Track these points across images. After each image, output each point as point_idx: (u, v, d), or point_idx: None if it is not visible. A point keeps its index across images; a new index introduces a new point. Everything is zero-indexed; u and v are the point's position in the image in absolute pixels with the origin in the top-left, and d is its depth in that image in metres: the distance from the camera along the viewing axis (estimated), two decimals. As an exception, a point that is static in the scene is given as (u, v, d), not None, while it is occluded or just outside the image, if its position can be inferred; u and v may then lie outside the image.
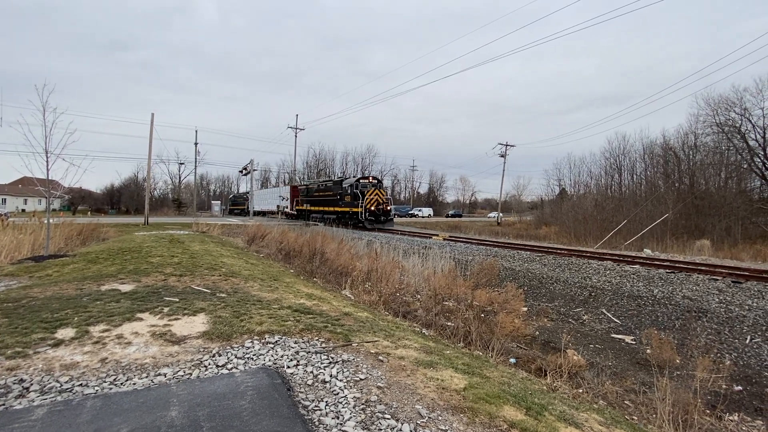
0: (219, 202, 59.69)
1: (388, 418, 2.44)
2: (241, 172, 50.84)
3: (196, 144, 45.02)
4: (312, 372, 3.10)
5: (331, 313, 5.04)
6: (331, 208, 28.06)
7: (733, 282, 8.38)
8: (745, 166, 26.36)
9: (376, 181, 26.41)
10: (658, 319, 7.38)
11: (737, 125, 26.40)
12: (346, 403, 2.62)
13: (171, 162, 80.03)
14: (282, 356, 3.40)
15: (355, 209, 24.81)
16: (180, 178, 66.67)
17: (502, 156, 47.62)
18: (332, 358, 3.42)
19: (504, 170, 48.21)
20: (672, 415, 3.56)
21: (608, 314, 7.99)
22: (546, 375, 4.43)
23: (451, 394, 2.85)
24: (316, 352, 3.53)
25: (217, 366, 3.17)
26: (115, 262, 7.79)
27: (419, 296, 8.54)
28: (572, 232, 27.22)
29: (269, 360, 3.32)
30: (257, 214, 43.75)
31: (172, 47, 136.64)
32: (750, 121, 25.99)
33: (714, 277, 8.93)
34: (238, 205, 54.64)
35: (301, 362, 3.29)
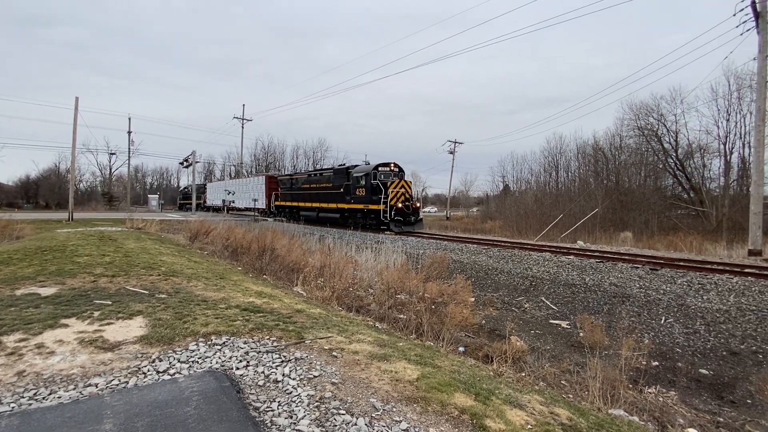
0: (157, 196, 55.43)
1: (343, 414, 2.44)
2: (182, 164, 47.50)
3: (129, 132, 41.45)
4: (263, 372, 3.01)
5: (282, 311, 4.91)
6: (333, 205, 21.79)
7: (650, 269, 9.39)
8: (661, 166, 29.57)
9: (398, 170, 19.82)
10: (590, 305, 8.07)
11: (654, 129, 29.49)
12: (299, 401, 2.58)
13: (100, 152, 72.83)
14: (230, 357, 3.25)
15: (372, 206, 18.64)
16: (111, 169, 61.04)
17: (451, 153, 49.17)
18: (284, 356, 3.34)
19: (453, 167, 49.85)
20: (601, 391, 3.93)
21: (547, 302, 8.59)
22: (492, 361, 4.68)
23: (405, 385, 2.91)
24: (268, 352, 3.43)
25: (158, 372, 2.96)
26: (33, 262, 6.97)
27: (372, 291, 8.59)
28: (515, 226, 28.87)
29: (216, 362, 3.16)
30: (212, 210, 40.46)
31: (106, 27, 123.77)
32: (665, 126, 29.16)
33: (635, 265, 9.94)
34: (189, 199, 50.43)
35: (251, 363, 3.17)
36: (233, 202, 35.87)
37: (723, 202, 24.90)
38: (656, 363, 5.78)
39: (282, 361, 3.22)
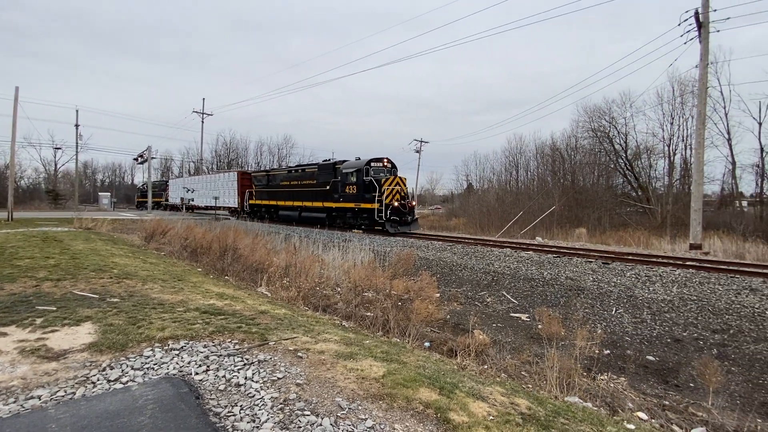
0: (108, 193, 52.05)
1: (308, 415, 2.41)
2: (136, 159, 44.80)
3: (77, 126, 38.62)
4: (224, 376, 2.91)
5: (245, 313, 4.78)
6: (318, 204, 20.24)
7: (603, 263, 9.97)
8: (612, 166, 31.43)
9: (390, 165, 18.44)
10: (548, 298, 8.45)
11: (606, 131, 31.29)
12: (262, 404, 2.51)
13: (44, 146, 67.35)
14: (189, 362, 3.12)
15: (365, 205, 17.34)
16: (56, 165, 56.65)
17: (417, 152, 49.69)
18: (247, 359, 3.25)
19: (419, 165, 50.42)
20: (558, 380, 4.13)
21: (508, 296, 8.90)
22: (456, 355, 4.79)
23: (371, 383, 2.92)
24: (229, 355, 3.32)
25: (109, 381, 2.78)
26: (-36, 267, 6.35)
27: (339, 289, 8.54)
28: (478, 223, 29.69)
29: (174, 368, 3.02)
30: (176, 208, 37.89)
31: (51, 13, 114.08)
32: (616, 128, 31.00)
33: (589, 259, 10.52)
34: (153, 197, 46.84)
35: (211, 367, 3.06)
36: (193, 200, 34.10)
37: (667, 200, 26.87)
38: (608, 351, 6.15)
39: (244, 364, 3.13)
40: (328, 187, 19.45)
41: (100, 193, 54.46)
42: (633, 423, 3.15)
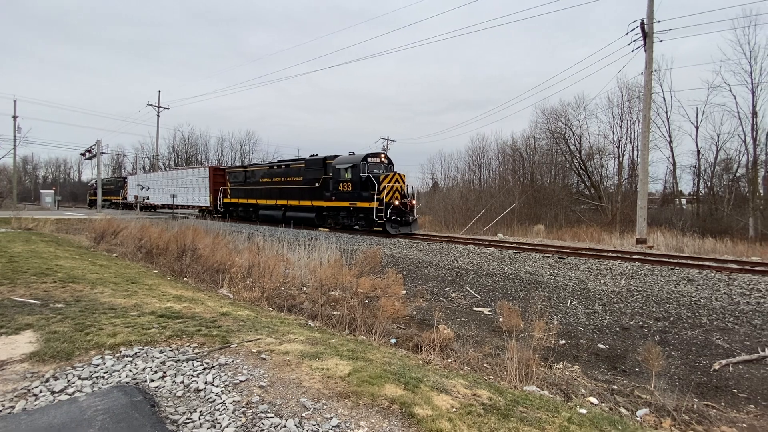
0: (52, 191, 48.18)
1: (272, 417, 2.37)
2: (83, 155, 41.70)
3: (14, 117, 35.47)
4: (183, 382, 2.79)
5: (205, 315, 4.60)
6: (306, 202, 18.66)
7: (559, 258, 10.49)
8: (567, 165, 33.13)
9: (387, 161, 17.25)
10: (509, 292, 8.78)
11: (563, 132, 32.93)
12: (224, 409, 2.44)
13: (-27, 139, 61.02)
14: (144, 369, 2.97)
15: (362, 204, 15.96)
16: (-11, 160, 51.64)
17: (383, 150, 49.89)
18: (207, 363, 3.14)
19: (386, 163, 50.52)
20: (518, 370, 4.31)
21: (471, 291, 9.16)
22: (422, 350, 4.88)
23: (336, 382, 2.91)
24: (188, 360, 3.19)
25: (53, 392, 2.59)
26: None
27: (305, 288, 8.42)
28: (443, 221, 30.30)
29: (127, 376, 2.87)
30: (137, 208, 35.15)
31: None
32: (571, 130, 32.69)
33: (546, 254, 11.03)
34: (108, 195, 42.39)
35: (168, 373, 2.92)
36: (148, 198, 32.10)
37: (617, 198, 28.69)
38: (563, 341, 6.49)
39: (204, 369, 3.02)
40: (317, 185, 17.92)
41: (42, 191, 50.30)
42: (585, 408, 3.35)
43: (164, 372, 2.93)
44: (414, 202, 16.85)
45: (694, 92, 45.74)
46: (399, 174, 16.18)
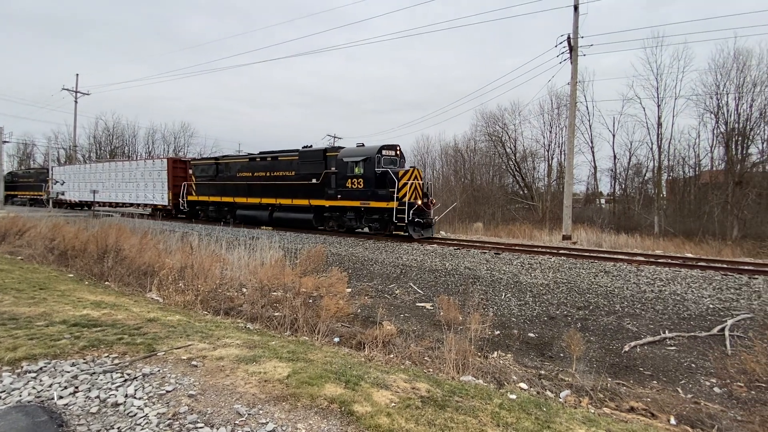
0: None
1: (201, 427, 2.23)
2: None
3: None
4: (98, 396, 2.53)
5: (128, 322, 4.22)
6: (302, 201, 16.10)
7: (495, 254, 11.11)
8: (504, 167, 35.23)
9: (401, 155, 15.12)
10: (449, 287, 9.12)
11: (500, 136, 34.95)
12: (146, 423, 2.25)
13: None
14: (51, 385, 2.65)
15: (377, 203, 13.86)
16: None
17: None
18: (129, 374, 2.88)
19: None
20: (455, 361, 4.49)
21: (414, 287, 9.38)
22: (364, 347, 4.90)
23: (274, 385, 2.82)
24: (106, 372, 2.90)
25: (-70, 420, 2.22)
26: None
27: (245, 290, 8.07)
28: (389, 219, 30.67)
29: (29, 394, 2.54)
30: (66, 206, 28.75)
31: None
32: (507, 133, 34.80)
33: (484, 250, 11.63)
34: (25, 189, 34.93)
35: (81, 388, 2.64)
36: (63, 194, 28.40)
37: (546, 198, 31.09)
38: (498, 332, 6.89)
39: (125, 380, 2.77)
40: (315, 180, 15.52)
41: (-77, 185, 42.71)
42: (515, 393, 3.58)
43: (76, 387, 2.64)
44: (435, 201, 15.04)
45: (612, 103, 51.10)
46: (417, 169, 14.20)
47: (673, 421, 3.93)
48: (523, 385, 4.48)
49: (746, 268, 9.27)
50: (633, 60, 68.34)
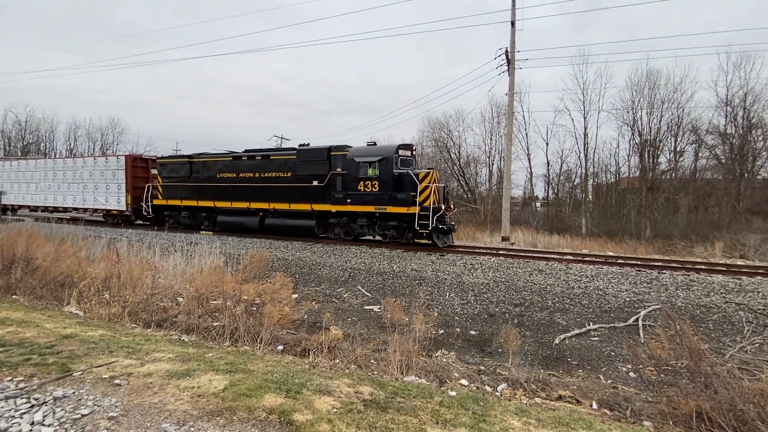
0: None
1: (123, 451, 2.05)
2: None
3: None
4: (-4, 427, 2.23)
5: (39, 340, 3.77)
6: (303, 206, 14.51)
7: (440, 255, 11.48)
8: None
9: (414, 157, 14.12)
10: (397, 289, 9.26)
11: (445, 142, 36.28)
12: (56, 452, 2.03)
13: None
14: (-66, 419, 2.29)
15: (395, 208, 12.61)
16: None
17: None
18: (37, 399, 2.57)
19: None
20: (400, 362, 4.57)
21: (362, 290, 9.40)
22: (309, 354, 4.81)
23: (209, 400, 2.68)
24: (8, 398, 2.57)
25: None
26: None
27: (181, 299, 7.56)
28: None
29: None
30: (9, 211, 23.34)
31: None
32: (452, 139, 36.22)
33: (430, 252, 11.96)
34: None
35: (-26, 419, 2.31)
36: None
37: (488, 201, 32.77)
38: (442, 331, 7.12)
39: (32, 406, 2.47)
40: (317, 183, 14.14)
41: None
42: (455, 390, 3.72)
43: (-32, 419, 2.31)
44: (453, 206, 14.01)
45: (545, 114, 55.26)
46: (435, 171, 13.32)
47: (595, 405, 4.31)
48: (464, 382, 4.66)
49: (656, 264, 10.46)
50: (563, 75, 74.55)
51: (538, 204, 36.58)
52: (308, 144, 15.25)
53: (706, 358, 4.65)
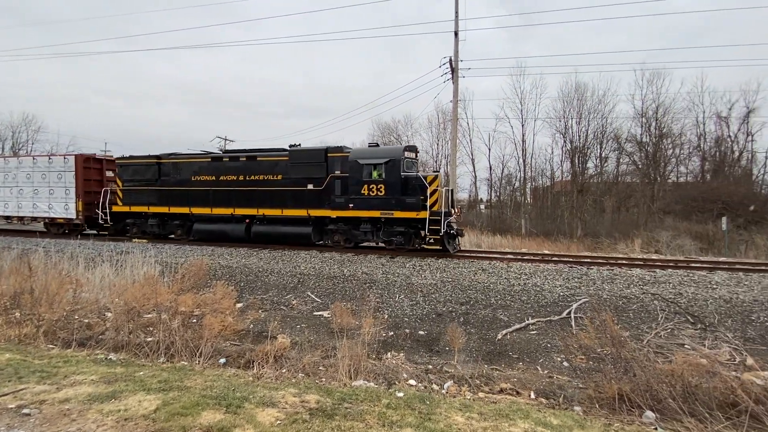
0: None
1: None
2: None
3: None
4: None
5: (-75, 370, 3.25)
6: (298, 211, 13.49)
7: (389, 258, 11.60)
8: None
9: (417, 157, 13.58)
10: (347, 293, 9.20)
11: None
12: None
13: None
14: None
15: (404, 213, 12.02)
16: None
17: (221, 150, 45.64)
18: None
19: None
20: (349, 367, 4.53)
21: (312, 296, 9.22)
22: (253, 365, 4.62)
23: (137, 423, 2.47)
24: None
25: None
26: None
27: (109, 314, 6.91)
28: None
29: None
30: None
31: None
32: (401, 144, 36.85)
33: (380, 255, 12.04)
34: None
35: None
36: None
37: (437, 204, 33.75)
38: (392, 332, 7.18)
39: None
40: (312, 186, 13.29)
41: None
42: (403, 391, 3.77)
43: None
44: (459, 210, 13.59)
45: (487, 121, 58.18)
46: (440, 174, 13.14)
47: (532, 395, 4.59)
48: (412, 382, 4.73)
49: (585, 260, 11.40)
50: (503, 85, 79.08)
51: (482, 206, 38.33)
52: (298, 144, 14.56)
53: (627, 345, 5.14)
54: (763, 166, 29.01)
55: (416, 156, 13.43)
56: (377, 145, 14.08)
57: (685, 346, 6.18)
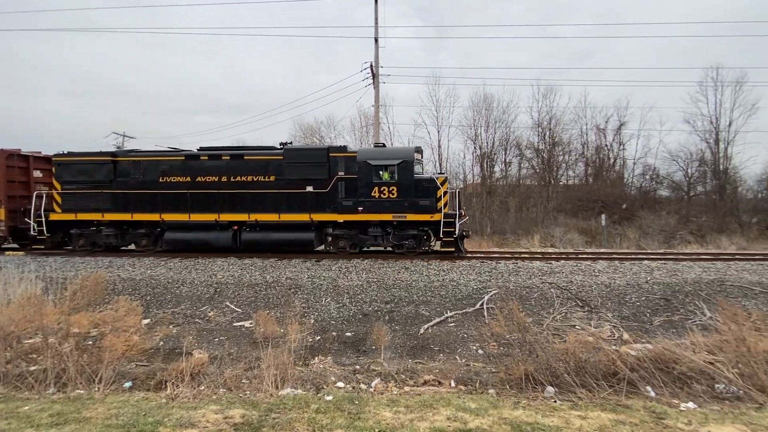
0: None
1: None
2: None
3: None
4: None
5: None
6: (299, 216, 12.23)
7: (315, 261, 11.46)
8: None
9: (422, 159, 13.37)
10: (271, 300, 8.87)
11: (317, 146, 36.48)
12: None
13: None
14: None
15: (416, 216, 11.74)
16: None
17: (117, 148, 40.39)
18: None
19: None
20: (275, 377, 4.41)
21: (231, 306, 8.71)
22: (166, 386, 4.24)
23: (24, 467, 2.13)
24: None
25: None
26: None
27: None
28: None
29: None
30: None
31: None
32: (323, 144, 36.55)
33: (305, 259, 11.83)
34: None
35: None
36: None
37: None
38: (319, 337, 7.13)
39: None
40: (312, 188, 12.26)
41: None
42: (332, 394, 3.80)
43: None
44: (465, 211, 13.37)
45: (407, 126, 60.54)
46: (447, 176, 13.20)
47: (453, 383, 4.95)
48: (341, 384, 4.78)
49: (494, 255, 12.55)
50: (420, 93, 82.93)
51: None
52: (290, 143, 13.48)
53: (530, 330, 5.82)
54: (632, 171, 34.77)
55: (422, 157, 13.37)
56: (383, 145, 13.74)
57: (576, 327, 7.19)
